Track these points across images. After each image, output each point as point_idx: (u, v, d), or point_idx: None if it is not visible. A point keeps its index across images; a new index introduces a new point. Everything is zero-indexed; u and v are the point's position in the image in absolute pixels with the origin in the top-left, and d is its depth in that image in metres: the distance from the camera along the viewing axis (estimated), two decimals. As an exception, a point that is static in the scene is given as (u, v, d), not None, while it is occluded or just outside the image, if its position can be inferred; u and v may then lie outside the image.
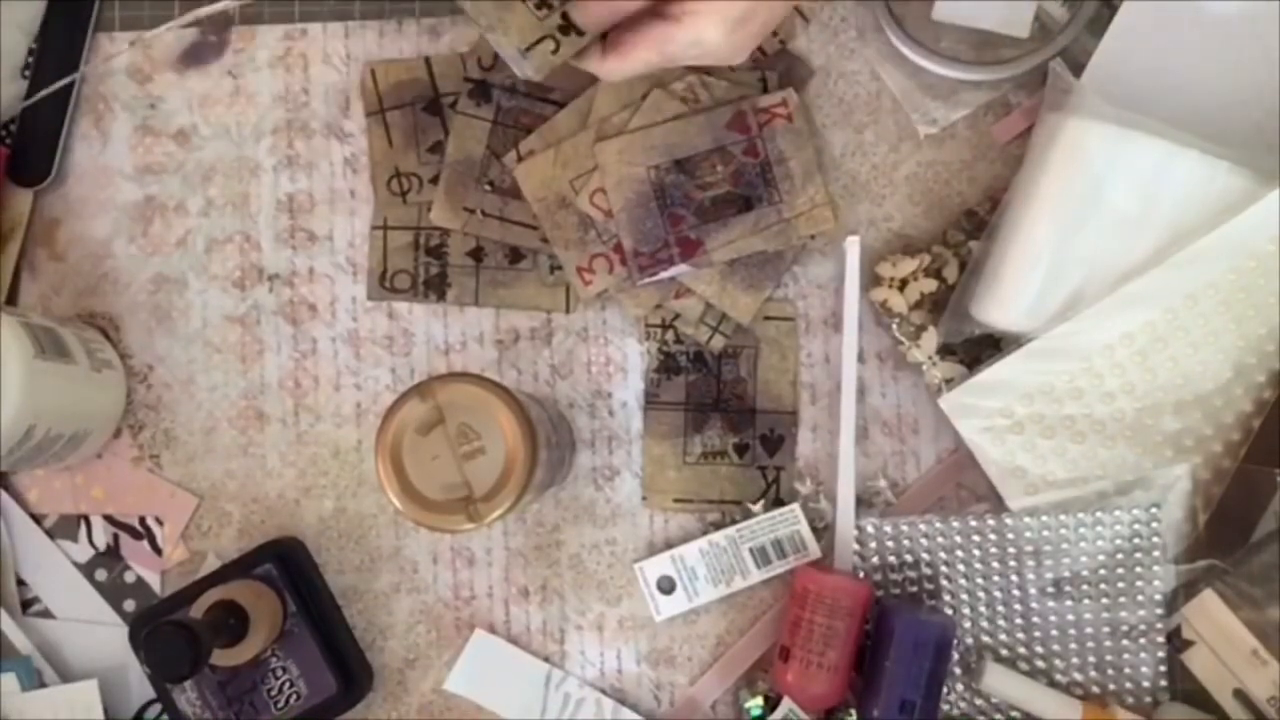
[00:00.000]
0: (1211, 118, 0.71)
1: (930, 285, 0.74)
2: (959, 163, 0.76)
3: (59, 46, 0.78)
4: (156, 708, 0.75)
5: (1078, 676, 0.72)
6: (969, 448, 0.72)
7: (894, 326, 0.74)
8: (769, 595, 0.75)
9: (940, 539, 0.73)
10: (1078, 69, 0.73)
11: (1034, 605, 0.72)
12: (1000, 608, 0.72)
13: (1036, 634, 0.72)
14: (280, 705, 0.72)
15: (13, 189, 0.78)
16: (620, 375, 0.76)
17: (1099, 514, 0.72)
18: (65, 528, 0.77)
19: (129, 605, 0.77)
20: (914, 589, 0.73)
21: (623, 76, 0.63)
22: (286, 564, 0.73)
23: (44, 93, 0.75)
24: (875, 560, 0.74)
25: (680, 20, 0.60)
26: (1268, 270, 0.68)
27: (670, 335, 0.76)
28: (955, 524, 0.73)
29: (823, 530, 0.74)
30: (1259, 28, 0.72)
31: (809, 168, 0.74)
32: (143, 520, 0.77)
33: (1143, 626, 0.71)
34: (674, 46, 0.61)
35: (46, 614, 0.77)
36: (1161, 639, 0.71)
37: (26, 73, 0.78)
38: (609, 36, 0.62)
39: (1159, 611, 0.71)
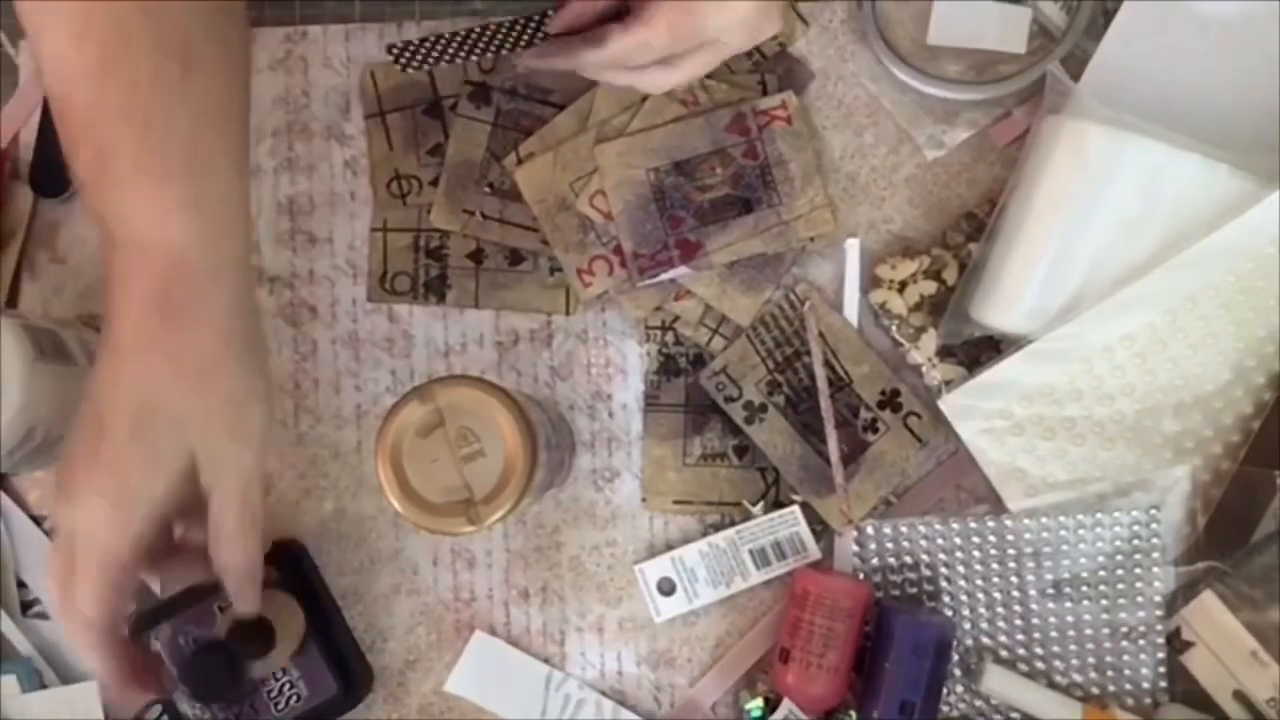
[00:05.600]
0: (1211, 120, 0.72)
1: (930, 287, 0.74)
2: (958, 165, 0.76)
3: None
4: (157, 709, 0.75)
5: (1077, 678, 0.72)
6: (969, 449, 0.72)
7: (893, 328, 0.74)
8: (769, 597, 0.75)
9: (940, 540, 0.73)
10: (1076, 71, 0.73)
11: (1034, 607, 0.72)
12: (1000, 609, 0.73)
13: (1036, 635, 0.72)
14: (280, 707, 0.72)
15: (14, 191, 0.78)
16: (620, 377, 0.76)
17: (1099, 515, 0.72)
18: (66, 529, 0.77)
19: (129, 606, 0.77)
20: (914, 590, 0.73)
21: (647, 48, 0.65)
22: (286, 566, 0.73)
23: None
24: (875, 561, 0.74)
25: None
26: (1267, 272, 0.69)
27: (670, 337, 0.76)
28: (955, 525, 0.73)
29: (822, 532, 0.74)
30: (1258, 29, 0.72)
31: (808, 170, 0.75)
32: (143, 522, 0.77)
33: (1142, 628, 0.71)
34: (699, 12, 0.63)
35: (46, 615, 0.77)
36: (1161, 640, 0.71)
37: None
38: (629, 15, 0.64)
39: (1159, 613, 0.71)
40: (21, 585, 0.77)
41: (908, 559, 0.73)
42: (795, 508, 0.74)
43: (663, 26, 0.64)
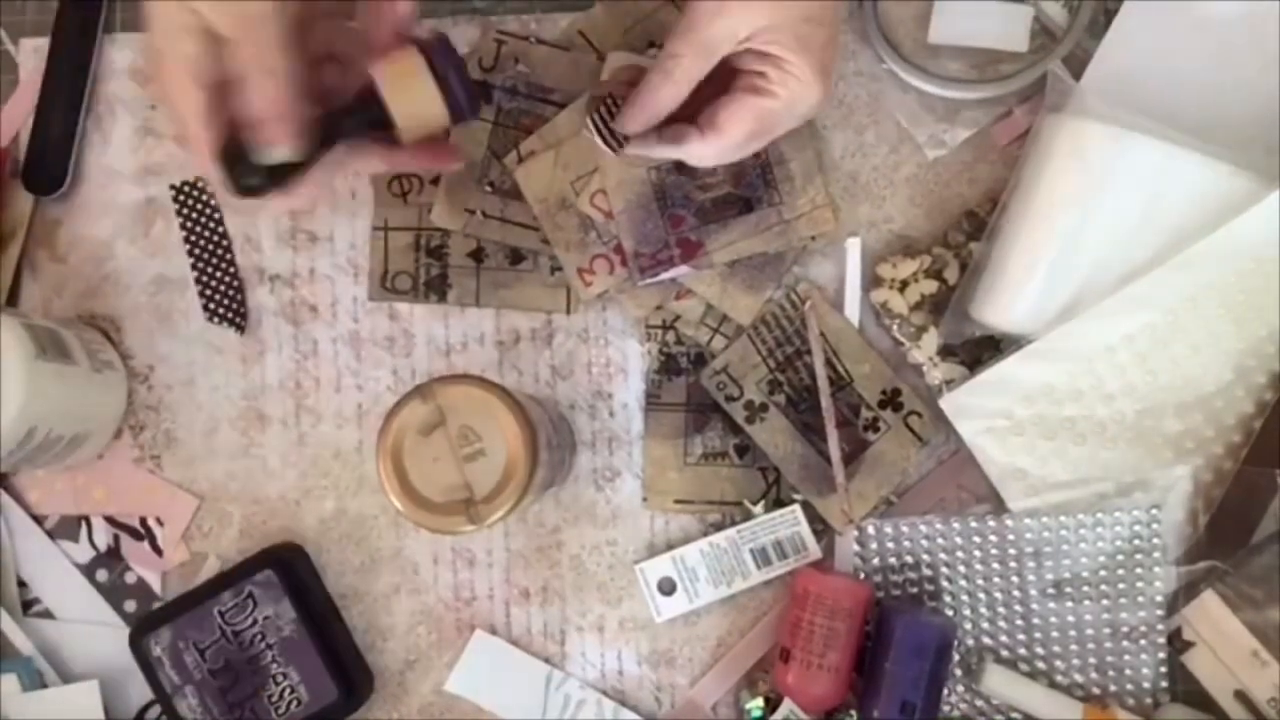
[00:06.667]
0: (1211, 119, 0.72)
1: (931, 286, 0.74)
2: (959, 164, 0.76)
3: (70, 51, 0.78)
4: (156, 709, 0.75)
5: (1078, 678, 0.72)
6: (969, 449, 0.72)
7: (894, 327, 0.74)
8: (769, 596, 0.75)
9: (941, 540, 0.73)
10: (1077, 71, 0.73)
11: (1035, 606, 0.72)
12: (1001, 609, 0.73)
13: (1037, 635, 0.72)
14: (281, 711, 0.72)
15: (14, 190, 0.78)
16: (621, 376, 0.76)
17: (1100, 515, 0.72)
18: (66, 528, 0.77)
19: (130, 606, 0.77)
20: (914, 590, 0.73)
21: (723, 154, 0.65)
22: (286, 570, 0.73)
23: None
24: (876, 561, 0.74)
25: (776, 94, 0.62)
26: (1268, 272, 0.69)
27: (671, 336, 0.76)
28: (956, 525, 0.73)
29: (823, 531, 0.74)
30: (1259, 29, 0.72)
31: (809, 169, 0.74)
32: (143, 521, 0.77)
33: (1143, 628, 0.71)
34: (773, 117, 0.63)
35: (47, 615, 0.77)
36: (1162, 640, 0.71)
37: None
38: (701, 118, 0.64)
39: (1159, 613, 0.71)
40: (22, 585, 0.77)
41: (909, 559, 0.73)
42: (796, 507, 0.74)
43: (740, 137, 0.64)
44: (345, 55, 0.62)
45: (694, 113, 0.64)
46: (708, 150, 0.64)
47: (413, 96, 0.60)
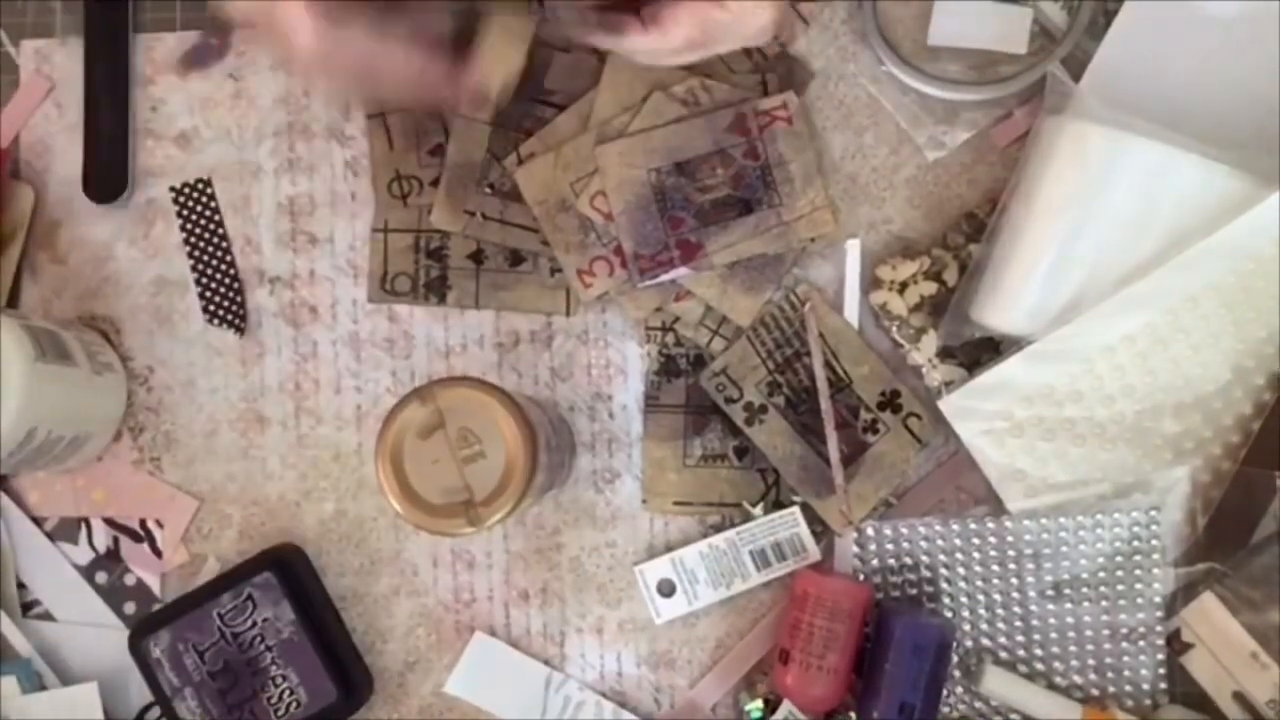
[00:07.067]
0: (1211, 120, 0.72)
1: (930, 288, 0.74)
2: (959, 165, 0.76)
3: (105, 56, 0.78)
4: (156, 711, 0.75)
5: (1077, 679, 0.72)
6: (969, 450, 0.72)
7: (894, 329, 0.74)
8: (769, 598, 0.75)
9: (940, 541, 0.73)
10: (1077, 72, 0.74)
11: (1033, 608, 0.72)
12: (1000, 610, 0.73)
13: (1036, 637, 0.72)
14: (280, 713, 0.72)
15: (14, 191, 0.78)
16: (620, 378, 0.76)
17: (1099, 517, 0.72)
18: (66, 530, 0.78)
19: (129, 608, 0.77)
20: (914, 591, 0.73)
21: (659, 53, 0.65)
22: (285, 572, 0.73)
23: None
24: (875, 563, 0.74)
25: (726, 5, 0.63)
26: (1268, 273, 0.69)
27: (670, 338, 0.76)
28: (955, 526, 0.73)
29: (822, 533, 0.74)
30: (1259, 30, 0.72)
31: (809, 170, 0.75)
32: (143, 523, 0.77)
33: (1142, 629, 0.71)
34: (718, 29, 0.64)
35: (47, 616, 0.77)
36: (1161, 642, 0.71)
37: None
38: (645, 10, 0.64)
39: (1158, 614, 0.71)
40: (21, 586, 0.77)
41: (908, 560, 0.73)
42: (795, 509, 0.74)
43: (680, 39, 0.65)
44: None
45: (637, 7, 0.65)
46: (644, 44, 0.65)
47: (509, 50, 0.65)
